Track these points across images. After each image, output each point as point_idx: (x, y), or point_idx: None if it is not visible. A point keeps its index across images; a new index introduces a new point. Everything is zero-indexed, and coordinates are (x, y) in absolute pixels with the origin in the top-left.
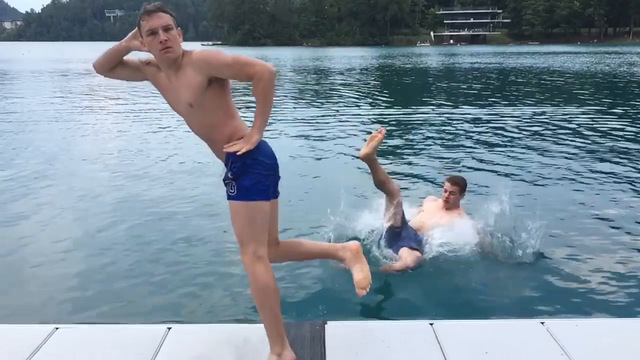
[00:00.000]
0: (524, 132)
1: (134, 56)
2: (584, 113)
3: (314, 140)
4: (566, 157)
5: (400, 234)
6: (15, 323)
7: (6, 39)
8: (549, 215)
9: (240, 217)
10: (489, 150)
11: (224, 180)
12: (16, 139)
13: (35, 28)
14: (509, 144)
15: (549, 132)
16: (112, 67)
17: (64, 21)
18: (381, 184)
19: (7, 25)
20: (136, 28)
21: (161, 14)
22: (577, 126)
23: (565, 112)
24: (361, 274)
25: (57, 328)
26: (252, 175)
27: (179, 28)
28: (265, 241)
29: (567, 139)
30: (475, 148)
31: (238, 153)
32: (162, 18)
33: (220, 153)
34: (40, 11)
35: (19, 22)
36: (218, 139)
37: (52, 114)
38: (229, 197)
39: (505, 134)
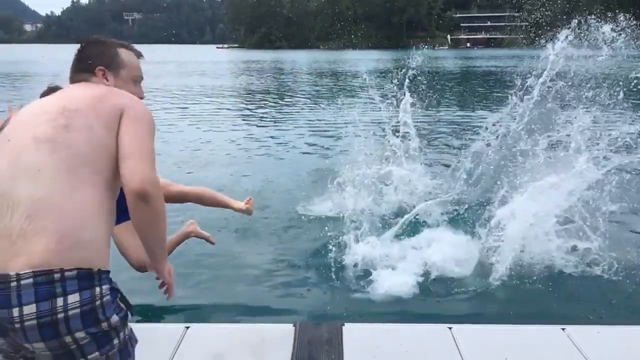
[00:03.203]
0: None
1: None
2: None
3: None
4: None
5: None
6: None
7: (26, 41)
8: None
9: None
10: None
11: None
12: None
13: (55, 30)
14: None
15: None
16: None
17: (83, 24)
18: None
19: (28, 27)
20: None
21: None
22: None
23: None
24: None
25: None
26: None
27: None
28: None
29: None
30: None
31: None
32: None
33: None
34: (60, 14)
35: (39, 25)
36: None
37: None
38: None
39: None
